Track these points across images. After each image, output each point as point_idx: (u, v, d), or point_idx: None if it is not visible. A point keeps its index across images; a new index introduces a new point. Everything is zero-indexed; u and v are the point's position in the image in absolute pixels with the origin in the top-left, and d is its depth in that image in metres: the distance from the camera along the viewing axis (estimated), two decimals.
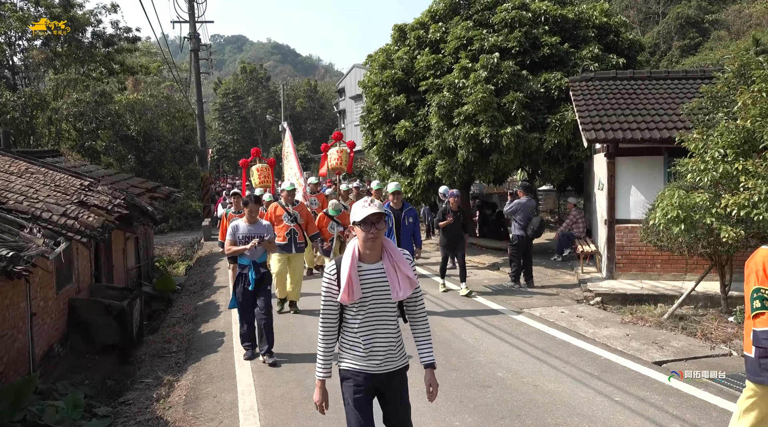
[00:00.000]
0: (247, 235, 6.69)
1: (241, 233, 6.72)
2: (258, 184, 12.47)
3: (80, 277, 9.21)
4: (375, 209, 3.06)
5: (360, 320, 3.15)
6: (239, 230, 6.74)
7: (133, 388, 6.91)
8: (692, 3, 35.75)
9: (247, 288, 6.67)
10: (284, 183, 9.13)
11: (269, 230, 6.91)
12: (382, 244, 3.17)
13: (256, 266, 6.71)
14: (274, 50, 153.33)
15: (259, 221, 6.89)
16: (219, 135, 59.89)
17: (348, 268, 3.08)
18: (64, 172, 9.84)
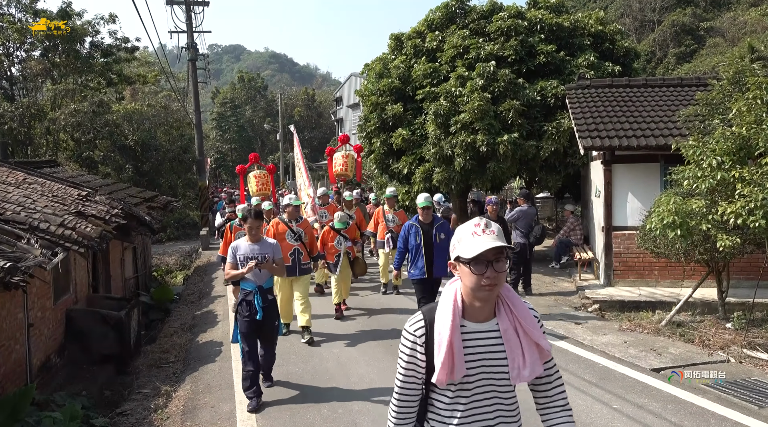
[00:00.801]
0: (250, 256, 5.72)
1: (242, 254, 5.76)
2: (256, 192, 11.44)
3: (78, 287, 9.19)
4: (493, 240, 1.95)
5: (461, 410, 2.05)
6: (240, 250, 5.78)
7: (130, 398, 6.88)
8: (687, 11, 36.01)
9: (254, 317, 5.66)
10: (288, 198, 8.12)
11: (276, 249, 5.89)
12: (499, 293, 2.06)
13: (262, 291, 5.72)
14: (272, 59, 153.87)
15: (264, 240, 5.93)
16: (217, 144, 59.94)
17: (448, 330, 1.98)
18: (62, 182, 9.85)
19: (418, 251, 7.07)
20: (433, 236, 7.08)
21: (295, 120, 60.96)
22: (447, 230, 7.25)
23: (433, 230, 7.13)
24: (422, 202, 7.22)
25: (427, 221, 7.24)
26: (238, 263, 5.74)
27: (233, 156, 60.07)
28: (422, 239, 7.06)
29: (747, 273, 8.92)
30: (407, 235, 7.12)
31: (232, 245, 5.90)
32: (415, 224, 7.15)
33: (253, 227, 5.80)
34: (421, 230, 7.10)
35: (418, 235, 7.08)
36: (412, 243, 7.06)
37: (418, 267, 7.03)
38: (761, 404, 5.33)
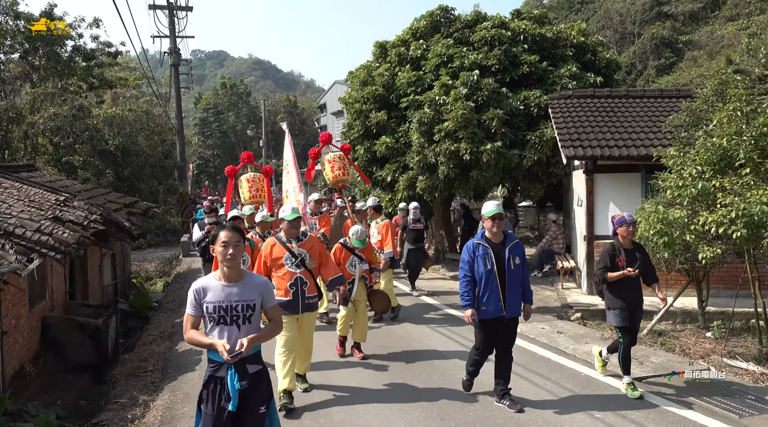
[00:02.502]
0: (224, 304, 3.59)
1: (211, 301, 3.60)
2: (248, 199, 9.29)
3: (54, 294, 9.01)
4: None
5: None
6: (207, 294, 3.63)
7: (107, 408, 6.73)
8: (666, 24, 36.68)
9: (223, 406, 3.53)
10: (284, 208, 6.13)
11: (267, 293, 3.73)
12: None
13: (240, 364, 3.56)
14: (255, 66, 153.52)
15: (249, 277, 3.73)
16: (199, 150, 59.51)
17: None
18: (39, 187, 9.67)
19: (489, 281, 5.30)
20: (506, 260, 5.32)
21: (278, 127, 60.80)
22: (522, 251, 5.47)
23: (506, 251, 5.34)
24: (491, 211, 5.31)
25: (498, 238, 5.39)
26: (204, 315, 3.63)
27: (215, 162, 59.71)
28: (494, 264, 5.32)
29: (726, 282, 9.02)
30: (473, 258, 5.38)
31: (195, 284, 3.69)
32: (483, 243, 5.40)
33: (227, 249, 3.57)
34: (491, 251, 5.34)
35: (488, 258, 5.32)
36: (480, 270, 5.34)
37: (491, 303, 5.32)
38: (741, 413, 5.36)
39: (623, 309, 5.78)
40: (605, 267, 5.81)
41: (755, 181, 5.94)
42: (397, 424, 5.30)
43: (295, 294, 5.80)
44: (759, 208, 5.66)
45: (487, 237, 5.43)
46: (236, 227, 3.68)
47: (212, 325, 3.62)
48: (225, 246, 3.60)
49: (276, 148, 55.19)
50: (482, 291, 5.35)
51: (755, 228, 5.75)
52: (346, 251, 7.30)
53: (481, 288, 5.35)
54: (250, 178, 9.43)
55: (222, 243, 3.61)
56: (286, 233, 5.92)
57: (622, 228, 5.88)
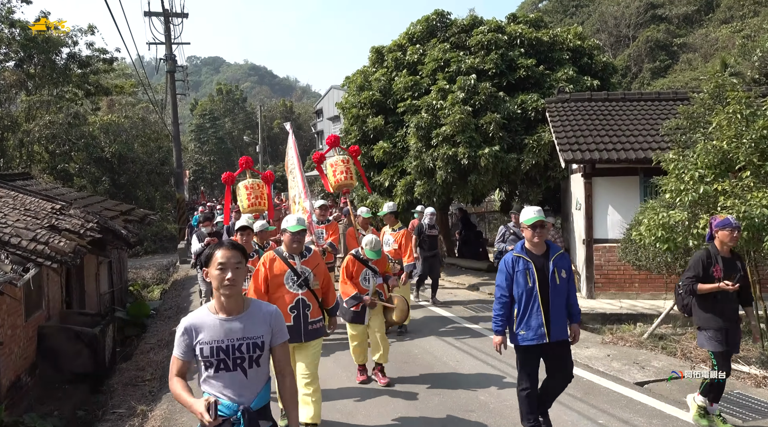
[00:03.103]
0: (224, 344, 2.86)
1: (207, 341, 2.86)
2: (247, 207, 8.58)
3: (50, 303, 8.95)
4: None
5: None
6: (202, 331, 2.88)
7: (104, 419, 6.66)
8: (661, 27, 36.80)
9: None
10: (288, 218, 5.20)
11: (277, 326, 2.97)
12: None
13: (249, 415, 2.83)
14: (251, 72, 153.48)
15: (252, 307, 2.96)
16: (195, 156, 59.41)
17: None
18: (35, 195, 9.61)
19: (530, 300, 4.54)
20: (550, 275, 4.54)
21: (275, 132, 60.89)
22: (568, 263, 4.72)
23: (550, 264, 4.56)
24: (531, 218, 4.54)
25: (540, 249, 4.62)
26: (198, 359, 2.88)
27: (212, 168, 59.64)
28: (537, 281, 4.53)
29: None
30: (512, 273, 4.61)
31: (185, 321, 2.92)
32: (523, 256, 4.61)
33: (224, 272, 2.80)
34: (533, 266, 4.56)
35: (530, 273, 4.55)
36: (520, 288, 4.56)
37: (531, 326, 4.53)
38: (745, 417, 5.32)
39: (719, 330, 4.85)
40: (696, 277, 4.88)
41: (756, 184, 5.93)
42: None
43: (297, 319, 4.99)
44: (759, 211, 5.64)
45: (527, 249, 4.64)
46: (235, 244, 2.91)
47: (211, 371, 2.84)
48: (222, 269, 2.80)
49: (273, 155, 55.19)
50: (521, 312, 4.56)
51: (756, 231, 5.73)
52: (359, 263, 6.38)
53: (521, 309, 4.56)
54: (249, 185, 8.67)
55: (218, 265, 2.80)
56: (288, 248, 5.07)
57: (724, 232, 4.86)
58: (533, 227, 4.55)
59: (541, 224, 4.55)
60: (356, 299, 6.11)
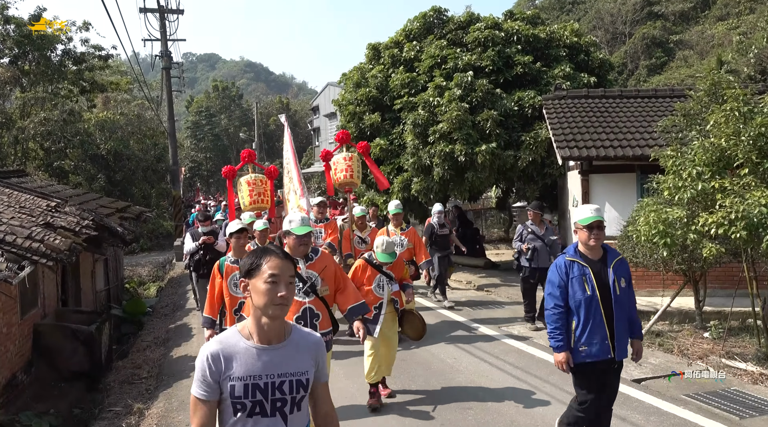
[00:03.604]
0: (261, 382, 2.20)
1: (240, 378, 2.17)
2: (248, 205, 7.98)
3: (46, 301, 8.90)
4: None
5: None
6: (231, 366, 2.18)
7: (101, 417, 6.64)
8: (657, 24, 36.84)
9: None
10: (290, 219, 4.52)
11: (322, 360, 2.38)
12: None
13: None
14: (247, 68, 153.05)
15: (294, 333, 2.33)
16: (191, 153, 59.29)
17: None
18: (30, 192, 9.56)
19: (590, 311, 4.00)
20: (610, 283, 4.01)
21: (271, 129, 60.78)
22: (628, 270, 4.20)
23: (610, 271, 4.04)
24: (588, 218, 4.01)
25: (597, 254, 4.10)
26: (223, 399, 2.20)
27: (208, 165, 59.54)
28: (596, 288, 4.00)
29: (722, 282, 9.02)
30: (565, 279, 4.08)
31: (210, 347, 2.20)
32: (579, 261, 4.08)
33: (277, 287, 2.21)
34: (590, 271, 4.03)
35: (587, 281, 4.01)
36: (576, 296, 4.03)
37: (594, 340, 4.01)
38: (742, 414, 5.33)
39: None
40: None
41: (754, 182, 5.93)
42: None
43: None
44: (758, 210, 5.64)
45: (582, 253, 4.10)
46: (287, 253, 2.33)
47: (241, 416, 2.17)
48: (274, 282, 2.18)
49: (269, 152, 55.08)
50: (581, 326, 4.02)
51: (754, 229, 5.73)
52: (372, 268, 5.67)
53: (580, 322, 4.02)
54: (251, 181, 8.04)
55: (269, 278, 2.18)
56: (293, 251, 4.43)
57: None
58: (590, 228, 4.00)
59: (599, 224, 4.01)
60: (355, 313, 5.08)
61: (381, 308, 5.64)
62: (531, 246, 8.62)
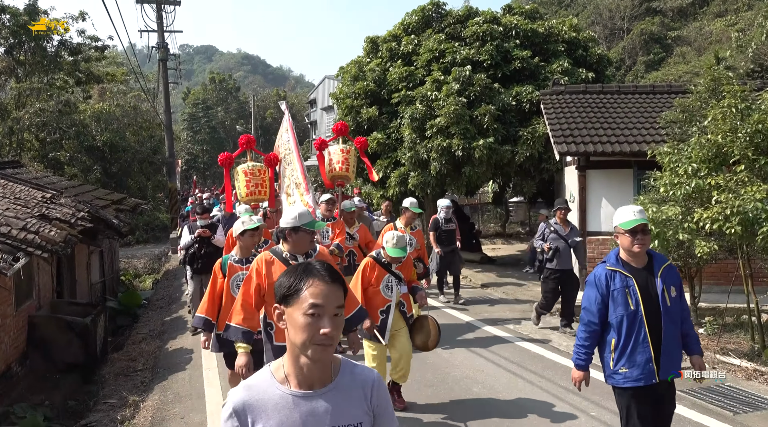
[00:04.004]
0: None
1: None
2: (245, 196, 7.49)
3: (41, 292, 8.87)
4: None
5: None
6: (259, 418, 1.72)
7: (96, 409, 6.64)
8: (655, 20, 36.80)
9: None
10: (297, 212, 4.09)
11: (383, 407, 1.86)
12: None
13: None
14: (244, 61, 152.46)
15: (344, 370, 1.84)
16: (188, 145, 59.12)
17: None
18: (25, 183, 9.51)
19: (633, 328, 3.50)
20: (659, 294, 3.51)
21: (268, 122, 60.64)
22: (678, 277, 3.66)
23: (658, 281, 3.53)
24: (631, 220, 3.51)
25: (641, 261, 3.59)
26: None
27: (204, 157, 59.40)
28: (641, 302, 3.50)
29: (717, 279, 9.04)
30: (606, 292, 3.58)
31: (237, 395, 1.74)
32: (620, 271, 3.57)
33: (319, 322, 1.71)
34: (635, 283, 3.52)
35: (631, 292, 3.51)
36: (618, 312, 3.53)
37: (636, 362, 3.52)
38: (735, 410, 5.36)
39: None
40: None
41: (749, 178, 5.94)
42: None
43: None
44: (753, 205, 5.65)
45: (624, 260, 3.59)
46: (334, 272, 1.78)
47: None
48: (316, 315, 1.70)
49: (266, 145, 54.90)
50: (621, 344, 3.54)
51: (749, 225, 5.74)
52: (380, 267, 5.20)
53: (620, 340, 3.54)
54: (249, 171, 7.45)
55: (310, 308, 1.70)
56: (294, 247, 4.04)
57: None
58: (633, 233, 3.49)
59: (643, 228, 3.50)
60: (355, 322, 4.60)
61: (389, 311, 5.18)
62: (553, 246, 8.10)
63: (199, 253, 8.32)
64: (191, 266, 8.53)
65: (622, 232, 3.55)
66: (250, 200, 7.53)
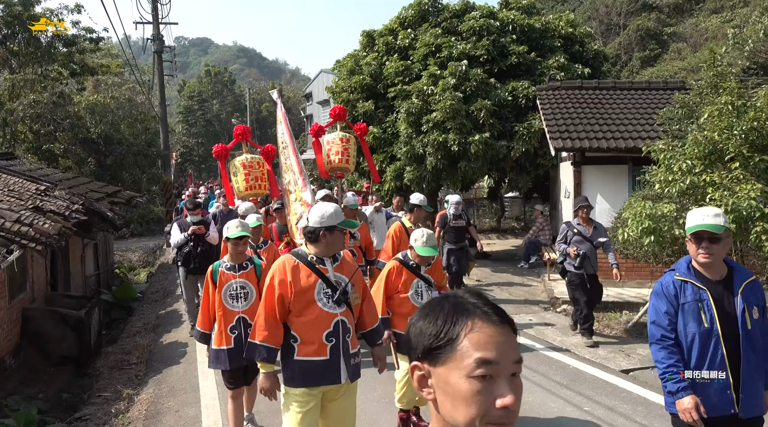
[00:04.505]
0: None
1: None
2: (244, 191, 7.08)
3: (35, 285, 8.84)
4: None
5: None
6: None
7: (90, 402, 6.64)
8: (652, 15, 36.81)
9: None
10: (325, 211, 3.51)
11: None
12: None
13: None
14: (240, 53, 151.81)
15: None
16: (183, 138, 58.92)
17: None
18: (19, 176, 9.45)
19: (706, 349, 3.00)
20: (738, 313, 2.98)
21: (264, 115, 60.44)
22: (762, 295, 3.09)
23: (737, 299, 3.01)
24: (699, 225, 2.99)
25: (716, 272, 3.06)
26: None
27: (199, 150, 59.20)
28: (716, 318, 2.97)
29: None
30: (675, 304, 3.08)
31: None
32: (692, 281, 3.06)
33: (499, 378, 1.18)
34: (709, 296, 3.00)
35: (705, 307, 3.00)
36: (690, 329, 3.03)
37: (708, 390, 3.00)
38: None
39: None
40: None
41: (744, 176, 5.96)
42: (385, 418, 5.24)
43: (335, 350, 3.40)
44: (747, 203, 5.67)
45: (696, 270, 3.07)
46: (504, 314, 1.32)
47: None
48: (488, 377, 1.17)
49: (261, 138, 54.74)
50: (692, 368, 3.04)
51: (743, 222, 5.77)
52: (408, 272, 4.61)
53: (692, 363, 3.03)
54: (247, 163, 6.98)
55: (478, 367, 1.17)
56: (325, 249, 3.47)
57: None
58: (697, 239, 3.00)
59: (711, 236, 2.96)
60: (377, 336, 3.94)
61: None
62: (580, 251, 7.15)
63: (195, 251, 7.71)
64: (186, 266, 7.83)
65: (687, 238, 3.08)
66: (250, 194, 7.10)
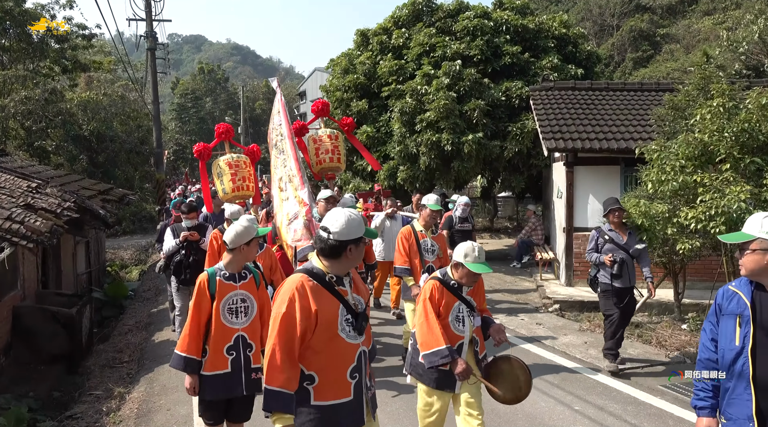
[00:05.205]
0: None
1: None
2: (231, 192, 6.63)
3: (26, 283, 8.79)
4: None
5: None
6: None
7: (81, 400, 6.61)
8: (645, 17, 37.00)
9: None
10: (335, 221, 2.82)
11: None
12: None
13: None
14: (234, 51, 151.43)
15: None
16: (176, 136, 58.63)
17: None
18: (10, 173, 9.39)
19: (735, 368, 2.70)
20: None
21: (257, 113, 60.26)
22: None
23: None
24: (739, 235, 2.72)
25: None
26: None
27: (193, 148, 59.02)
28: (750, 338, 2.64)
29: (701, 275, 9.16)
30: (718, 313, 2.83)
31: None
32: (741, 294, 2.74)
33: None
34: (750, 312, 2.67)
35: (742, 323, 2.69)
36: (721, 345, 2.77)
37: (731, 415, 2.72)
38: None
39: None
40: None
41: (734, 178, 6.01)
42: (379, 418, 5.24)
43: (358, 387, 2.86)
44: (737, 205, 5.72)
45: (759, 284, 2.70)
46: None
47: None
48: None
49: (255, 136, 54.64)
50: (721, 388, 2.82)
51: (733, 224, 5.81)
52: (448, 293, 3.88)
53: (729, 380, 2.76)
54: (233, 162, 6.47)
55: None
56: (345, 265, 2.87)
57: None
58: (740, 249, 2.71)
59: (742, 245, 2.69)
60: (446, 357, 3.63)
61: (461, 351, 3.83)
62: (617, 259, 6.10)
63: (187, 261, 6.94)
64: (177, 277, 7.03)
65: (735, 244, 2.75)
66: (236, 196, 6.60)
